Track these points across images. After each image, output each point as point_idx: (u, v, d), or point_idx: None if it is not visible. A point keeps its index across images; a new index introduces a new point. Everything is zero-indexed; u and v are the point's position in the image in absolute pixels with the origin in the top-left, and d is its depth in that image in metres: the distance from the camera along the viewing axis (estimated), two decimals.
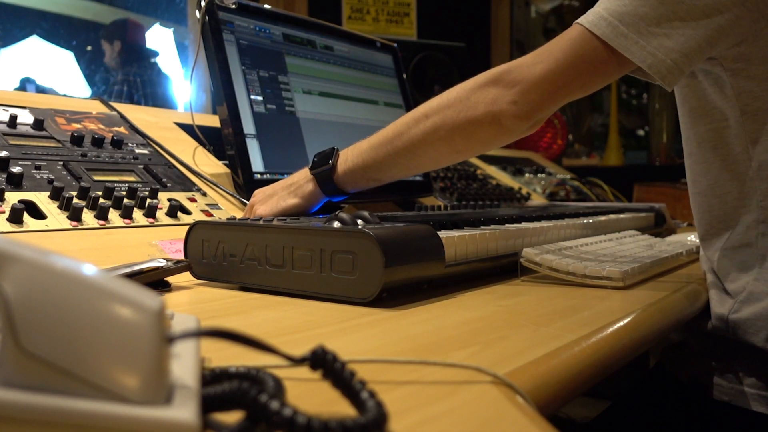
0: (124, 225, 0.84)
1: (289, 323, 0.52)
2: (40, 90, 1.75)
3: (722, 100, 0.76)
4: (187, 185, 1.02)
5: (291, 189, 0.88)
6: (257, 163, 1.03)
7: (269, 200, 0.89)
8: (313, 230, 0.60)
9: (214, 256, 0.67)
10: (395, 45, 1.43)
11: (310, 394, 0.34)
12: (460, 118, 0.77)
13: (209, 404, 0.28)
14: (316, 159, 0.88)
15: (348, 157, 0.85)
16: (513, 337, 0.48)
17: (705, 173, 0.80)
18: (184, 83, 1.97)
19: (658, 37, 0.69)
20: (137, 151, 1.05)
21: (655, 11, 0.69)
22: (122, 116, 1.14)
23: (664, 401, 0.90)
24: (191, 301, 0.61)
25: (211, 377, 0.31)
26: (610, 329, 0.53)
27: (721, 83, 0.75)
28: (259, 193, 0.91)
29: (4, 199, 0.79)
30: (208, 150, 1.18)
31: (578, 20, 0.73)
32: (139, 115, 1.19)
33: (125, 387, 0.26)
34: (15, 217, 0.76)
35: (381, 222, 0.64)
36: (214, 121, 1.17)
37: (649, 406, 0.91)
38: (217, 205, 0.99)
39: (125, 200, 0.87)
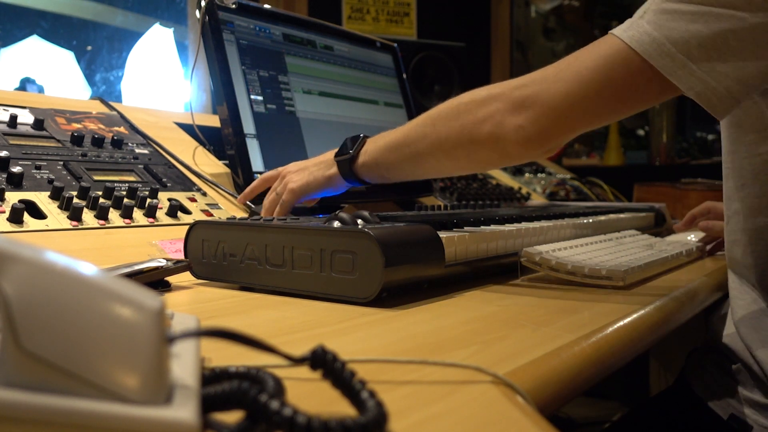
0: (124, 225, 0.84)
1: (289, 323, 0.52)
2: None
3: None
4: (187, 185, 1.02)
5: (320, 167, 0.91)
6: (257, 163, 1.03)
7: (301, 172, 0.92)
8: (313, 230, 0.60)
9: (214, 255, 0.67)
10: (395, 45, 1.43)
11: (310, 394, 0.34)
12: (464, 135, 0.70)
13: (209, 404, 0.28)
14: (344, 143, 0.89)
15: (368, 150, 0.86)
16: (513, 337, 0.48)
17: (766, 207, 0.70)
18: (184, 83, 1.97)
19: (711, 60, 0.57)
20: (137, 151, 1.05)
21: (709, 28, 0.57)
22: (122, 116, 1.14)
23: (678, 421, 0.85)
24: (191, 301, 0.61)
25: (211, 377, 0.31)
26: (610, 329, 0.53)
27: None
28: (292, 165, 0.94)
29: (4, 199, 0.79)
30: (208, 150, 1.18)
31: (614, 31, 0.62)
32: (139, 115, 1.19)
33: (125, 387, 0.26)
34: (15, 217, 0.76)
35: (381, 222, 0.64)
36: (214, 121, 1.17)
37: (660, 426, 0.87)
38: (217, 204, 0.99)
39: (125, 200, 0.87)
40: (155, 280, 0.63)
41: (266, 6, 1.17)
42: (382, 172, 0.85)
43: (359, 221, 0.63)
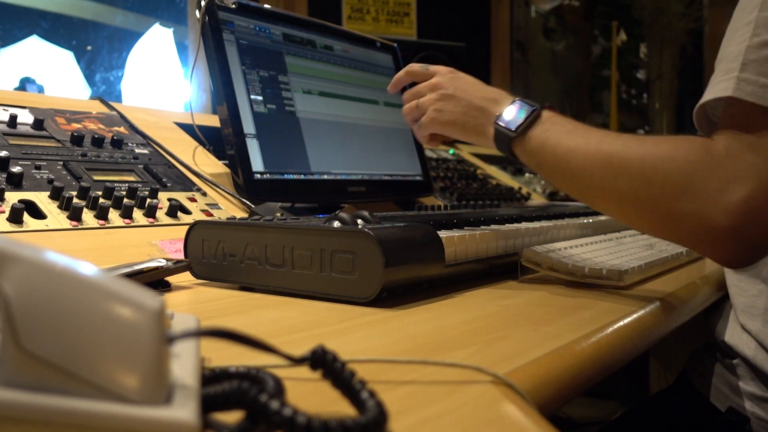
0: (124, 225, 0.84)
1: (289, 323, 0.52)
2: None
3: None
4: (187, 185, 1.02)
5: (477, 115, 0.77)
6: (257, 163, 1.03)
7: (456, 103, 0.79)
8: (313, 230, 0.60)
9: (214, 255, 0.67)
10: (395, 45, 1.42)
11: (310, 394, 0.34)
12: (654, 214, 0.60)
13: (209, 404, 0.28)
14: (515, 108, 0.74)
15: (534, 137, 0.71)
16: (513, 337, 0.48)
17: None
18: (184, 83, 1.97)
19: None
20: (137, 151, 1.05)
21: None
22: (122, 116, 1.14)
23: (678, 418, 0.85)
24: (191, 301, 0.61)
25: (211, 377, 0.31)
26: (610, 329, 0.53)
27: None
28: (449, 78, 0.81)
29: (4, 199, 0.79)
30: (208, 150, 1.18)
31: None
32: (139, 115, 1.19)
33: (125, 387, 0.26)
34: (15, 217, 0.76)
35: (381, 222, 0.64)
36: (214, 121, 1.17)
37: (660, 422, 0.87)
38: (217, 205, 0.99)
39: (125, 200, 0.87)
40: (155, 280, 0.63)
41: (266, 6, 1.17)
42: (541, 172, 0.74)
43: (359, 221, 0.63)
